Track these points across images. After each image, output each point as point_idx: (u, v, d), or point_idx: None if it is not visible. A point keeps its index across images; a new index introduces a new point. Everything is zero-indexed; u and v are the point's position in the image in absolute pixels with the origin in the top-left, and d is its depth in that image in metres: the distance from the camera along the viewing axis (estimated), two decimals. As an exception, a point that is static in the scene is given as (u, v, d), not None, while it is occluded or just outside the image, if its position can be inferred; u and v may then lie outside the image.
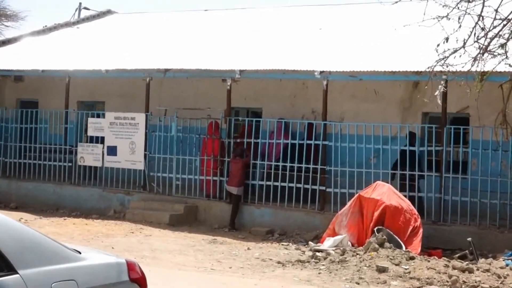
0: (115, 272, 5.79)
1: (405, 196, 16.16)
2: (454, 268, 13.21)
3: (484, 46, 11.85)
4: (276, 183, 18.49)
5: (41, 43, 26.58)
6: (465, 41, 11.67)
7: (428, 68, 12.51)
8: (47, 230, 15.90)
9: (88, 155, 21.28)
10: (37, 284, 5.04)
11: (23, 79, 25.32)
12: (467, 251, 14.88)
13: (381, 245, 14.28)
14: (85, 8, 33.21)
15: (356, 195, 16.00)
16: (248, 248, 15.90)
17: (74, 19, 30.82)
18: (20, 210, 20.27)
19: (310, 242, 16.33)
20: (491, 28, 11.73)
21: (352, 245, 15.10)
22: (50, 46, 25.97)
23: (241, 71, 18.88)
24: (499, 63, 12.15)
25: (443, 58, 11.92)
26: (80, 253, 5.68)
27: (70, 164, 21.68)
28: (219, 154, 19.44)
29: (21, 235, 5.23)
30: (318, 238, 16.51)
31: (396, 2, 11.66)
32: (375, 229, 14.96)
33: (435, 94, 13.41)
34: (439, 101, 13.76)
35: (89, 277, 5.50)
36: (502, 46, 11.89)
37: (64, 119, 22.27)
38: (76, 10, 33.47)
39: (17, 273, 4.96)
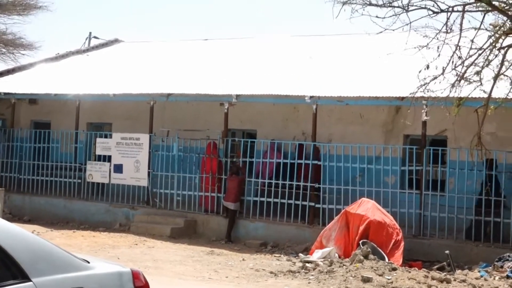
0: (121, 280, 5.74)
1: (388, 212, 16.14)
2: (433, 278, 13.17)
3: (461, 74, 11.90)
4: (269, 199, 18.45)
5: (53, 69, 26.59)
6: (444, 68, 11.74)
7: (410, 94, 12.55)
8: (57, 241, 15.81)
9: (96, 173, 21.24)
10: (49, 291, 5.00)
11: (37, 102, 25.30)
12: (445, 263, 14.86)
13: (366, 257, 14.24)
14: (95, 37, 33.30)
15: (342, 211, 15.98)
16: (243, 259, 15.83)
17: (84, 47, 30.89)
18: (33, 223, 20.19)
19: (300, 254, 16.28)
20: (467, 57, 11.79)
21: (339, 257, 15.06)
22: (62, 72, 25.98)
23: (237, 96, 18.90)
24: (474, 89, 12.20)
25: (424, 84, 11.97)
26: (88, 262, 5.64)
27: (79, 180, 21.63)
28: (216, 172, 19.41)
29: (34, 246, 5.19)
30: (307, 250, 16.46)
31: (381, 32, 11.69)
32: (360, 242, 14.93)
33: (423, 113, 13.42)
34: (425, 117, 13.78)
35: (97, 285, 5.45)
36: (477, 73, 11.95)
37: (74, 139, 22.25)
38: (86, 39, 33.57)
39: (31, 280, 4.92)
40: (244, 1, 68.84)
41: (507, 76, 12.22)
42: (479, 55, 11.74)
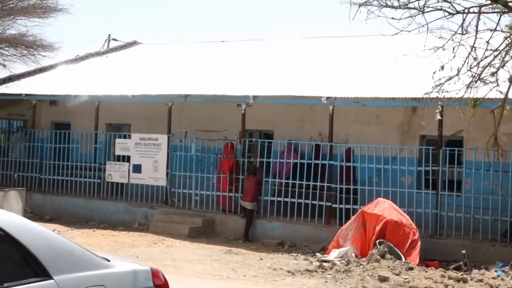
0: (140, 278, 5.77)
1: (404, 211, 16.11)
2: (449, 278, 13.14)
3: (476, 75, 11.86)
4: (286, 199, 18.45)
5: (73, 71, 26.74)
6: (459, 69, 11.69)
7: (425, 94, 12.51)
8: (78, 240, 15.89)
9: (116, 172, 21.33)
10: (70, 289, 5.03)
11: (57, 103, 25.42)
12: (461, 262, 14.80)
13: (383, 256, 14.23)
14: (114, 39, 33.46)
15: (359, 211, 15.97)
16: (261, 258, 15.85)
17: (104, 49, 31.05)
18: (54, 222, 20.30)
19: (317, 253, 16.28)
20: (483, 58, 11.74)
21: (356, 256, 15.06)
22: (82, 74, 26.12)
23: (254, 97, 18.92)
24: (490, 90, 12.13)
25: (439, 85, 11.93)
26: (109, 261, 5.67)
27: (99, 180, 21.73)
28: (234, 172, 19.45)
29: (55, 244, 5.23)
30: (324, 250, 16.45)
31: (396, 33, 11.67)
32: (377, 241, 14.92)
33: (437, 116, 13.40)
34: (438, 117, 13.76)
35: (117, 283, 5.48)
36: (493, 74, 11.89)
37: (94, 139, 22.36)
38: (105, 41, 33.79)
39: (52, 278, 4.95)
40: (260, 4, 68.89)
41: (523, 77, 12.15)
42: (495, 56, 11.68)
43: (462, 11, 11.56)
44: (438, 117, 14.13)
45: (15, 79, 25.87)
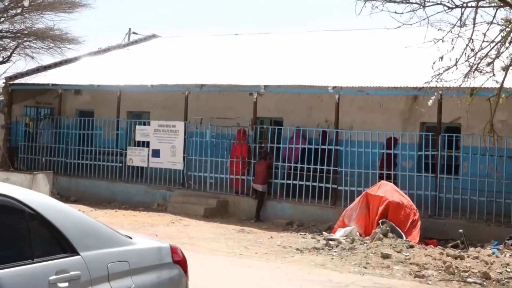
0: (160, 254, 5.80)
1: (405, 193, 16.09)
2: (448, 255, 13.14)
3: (474, 65, 11.81)
4: (295, 182, 18.47)
5: (96, 62, 26.76)
6: (457, 60, 11.65)
7: (425, 83, 12.46)
8: (101, 220, 15.80)
9: (136, 157, 21.37)
10: (95, 264, 5.05)
11: (81, 92, 25.49)
12: (459, 241, 14.79)
13: (385, 235, 14.24)
14: (134, 33, 33.50)
15: (363, 193, 15.96)
16: (271, 237, 15.88)
17: (124, 42, 31.08)
18: (79, 203, 20.37)
19: (324, 232, 16.29)
20: (479, 50, 11.69)
21: (360, 235, 15.06)
22: (104, 65, 26.13)
23: (265, 86, 18.91)
24: (487, 79, 12.10)
25: (438, 75, 11.89)
26: (131, 238, 5.70)
27: (120, 164, 21.79)
28: (246, 156, 19.47)
29: (82, 223, 5.25)
30: (330, 229, 16.45)
31: (399, 27, 11.62)
32: (379, 221, 14.92)
33: (429, 102, 13.39)
34: (430, 103, 13.77)
35: (139, 258, 5.51)
36: (489, 65, 11.85)
37: (115, 126, 22.41)
38: (126, 35, 33.85)
39: (79, 254, 4.98)
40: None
41: (517, 67, 12.10)
42: (491, 47, 11.63)
43: (460, 5, 11.50)
44: (429, 104, 14.08)
45: (43, 70, 25.91)
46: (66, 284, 4.78)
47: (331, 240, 14.78)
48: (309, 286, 10.68)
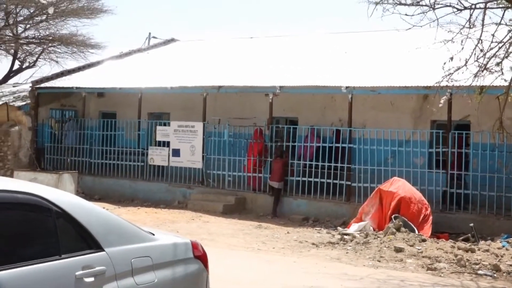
0: (182, 250, 5.81)
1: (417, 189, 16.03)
2: (459, 248, 13.09)
3: (483, 65, 11.76)
4: (310, 179, 18.44)
5: (118, 66, 26.85)
6: (467, 60, 11.62)
7: (436, 83, 12.42)
8: (124, 217, 15.81)
9: (157, 156, 21.43)
10: (120, 259, 5.07)
11: (104, 95, 25.58)
12: (469, 234, 14.72)
13: (398, 229, 14.20)
14: (154, 37, 33.59)
15: (376, 189, 15.91)
16: (288, 232, 15.87)
17: (145, 46, 31.14)
18: (102, 201, 20.43)
19: (338, 227, 16.26)
20: (488, 50, 11.65)
21: (374, 230, 15.02)
22: (126, 68, 26.22)
23: (281, 87, 18.90)
24: (495, 78, 12.04)
25: (448, 75, 11.86)
26: (153, 234, 5.71)
27: (142, 163, 21.86)
28: (263, 155, 19.46)
29: (106, 220, 5.27)
30: (345, 224, 16.43)
31: (409, 28, 11.58)
32: (392, 216, 14.87)
33: (440, 102, 13.36)
34: (440, 104, 13.74)
35: (161, 254, 5.52)
36: (498, 64, 11.79)
37: (137, 127, 22.47)
38: (146, 39, 33.93)
39: (104, 250, 5.00)
40: (285, 2, 68.64)
41: (525, 66, 12.04)
42: (500, 48, 11.58)
43: (469, 7, 11.46)
44: (441, 104, 14.03)
45: (67, 74, 26.04)
46: (92, 279, 4.81)
47: (346, 234, 14.75)
48: (325, 279, 10.67)
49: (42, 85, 24.70)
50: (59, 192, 5.24)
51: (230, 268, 11.04)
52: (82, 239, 4.96)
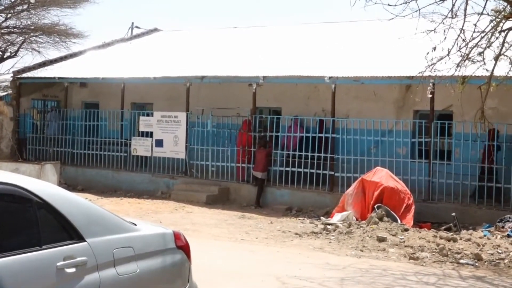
0: (164, 240, 5.80)
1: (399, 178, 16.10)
2: (441, 238, 13.16)
3: (465, 55, 11.81)
4: (293, 169, 18.46)
5: (101, 56, 26.71)
6: (450, 50, 11.64)
7: (419, 73, 12.46)
8: (107, 207, 15.76)
9: (140, 147, 21.36)
10: (101, 250, 5.05)
11: (87, 85, 25.42)
12: (451, 224, 14.81)
13: (381, 219, 14.25)
14: (136, 27, 33.38)
15: (359, 179, 15.96)
16: (271, 222, 15.89)
17: (127, 36, 30.97)
18: (85, 191, 20.36)
19: (321, 217, 16.30)
20: (471, 40, 11.69)
21: (357, 220, 15.07)
22: (108, 58, 26.08)
23: (264, 77, 18.88)
24: (477, 68, 12.10)
25: (431, 65, 11.89)
26: (135, 225, 5.70)
27: (125, 154, 21.78)
28: (252, 145, 19.33)
29: (88, 210, 5.25)
30: (328, 214, 16.48)
31: (392, 18, 11.59)
32: (375, 206, 14.93)
33: (428, 93, 13.41)
34: (429, 95, 13.79)
35: (143, 244, 5.51)
36: (480, 54, 11.86)
37: (120, 117, 22.37)
38: (129, 29, 33.73)
39: (85, 241, 4.98)
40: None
41: (507, 56, 12.11)
42: (482, 37, 11.64)
43: (452, -3, 11.47)
44: (429, 95, 14.10)
45: (49, 64, 25.87)
46: (74, 269, 4.79)
47: (329, 224, 14.78)
48: (308, 268, 10.70)
49: (24, 75, 24.53)
50: (40, 183, 5.22)
51: (213, 258, 11.03)
52: (63, 229, 4.94)
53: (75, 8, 27.52)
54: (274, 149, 19.17)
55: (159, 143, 20.83)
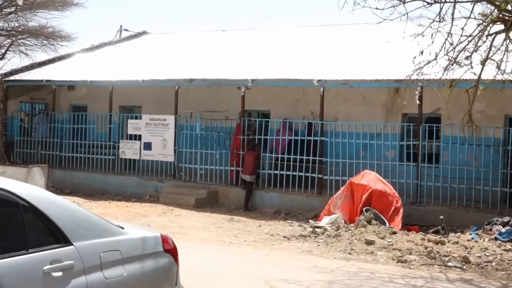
0: (151, 244, 5.80)
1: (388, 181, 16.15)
2: (429, 240, 13.21)
3: (452, 58, 11.88)
4: (282, 172, 18.48)
5: (89, 59, 26.64)
6: (437, 54, 11.72)
7: (406, 76, 12.53)
8: (95, 211, 15.76)
9: (128, 150, 21.32)
10: (89, 253, 5.04)
11: (75, 88, 25.35)
12: (439, 227, 14.88)
13: (369, 222, 14.29)
14: (125, 30, 33.18)
15: (348, 182, 16.00)
16: (260, 225, 15.90)
17: (116, 39, 30.85)
18: (73, 195, 20.31)
19: (310, 220, 16.32)
20: (458, 43, 11.76)
21: (345, 223, 15.10)
22: (97, 61, 26.02)
23: (253, 80, 18.90)
24: (465, 72, 12.17)
25: (419, 68, 11.96)
26: (123, 228, 5.69)
27: (113, 157, 21.73)
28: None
29: (75, 214, 5.24)
30: (316, 217, 16.49)
31: (380, 22, 11.64)
32: (363, 209, 14.97)
33: (416, 96, 13.47)
34: (417, 101, 13.84)
35: (130, 248, 5.50)
36: (468, 58, 11.92)
37: (108, 120, 22.34)
38: (117, 31, 33.43)
39: (72, 244, 4.97)
40: (258, -5, 68.57)
41: (494, 60, 12.17)
42: (469, 41, 11.71)
43: (439, 1, 11.53)
44: (416, 98, 14.17)
45: (37, 66, 25.78)
46: (60, 273, 4.78)
47: (317, 227, 14.81)
48: (296, 271, 10.72)
49: (12, 77, 24.44)
50: (27, 186, 5.20)
51: (202, 261, 11.03)
52: (50, 233, 4.92)
53: (63, 11, 27.46)
54: (263, 152, 19.19)
55: (148, 146, 20.80)
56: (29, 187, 5.20)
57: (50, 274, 4.71)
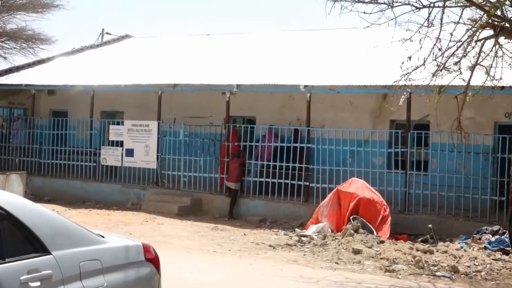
0: (133, 253, 5.79)
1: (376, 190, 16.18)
2: (417, 250, 13.25)
3: (441, 64, 11.94)
4: (267, 180, 18.47)
5: (70, 62, 26.55)
6: (425, 59, 11.78)
7: (394, 82, 12.58)
8: (75, 219, 15.79)
9: (110, 156, 21.25)
10: (68, 263, 5.03)
11: (55, 92, 25.22)
12: (428, 235, 14.91)
13: (356, 231, 14.31)
14: (107, 33, 33.20)
15: (334, 189, 16.01)
16: (244, 234, 15.89)
17: (98, 42, 30.82)
18: (53, 203, 20.21)
19: (296, 229, 16.33)
20: (447, 49, 11.82)
21: (332, 231, 15.11)
22: (78, 65, 25.93)
23: (238, 85, 18.90)
24: (454, 78, 12.24)
25: (407, 74, 12.01)
26: (103, 237, 5.68)
27: (94, 164, 21.64)
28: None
29: (54, 222, 5.23)
30: (303, 226, 16.51)
31: (367, 27, 11.70)
32: (351, 217, 14.98)
33: (400, 101, 13.52)
34: (401, 103, 13.89)
35: (111, 257, 5.49)
36: (456, 63, 12.00)
37: (89, 126, 22.25)
38: (99, 35, 33.51)
39: (51, 254, 4.95)
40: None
41: (483, 66, 12.26)
42: (458, 47, 11.78)
43: (428, 5, 11.61)
44: (401, 102, 14.20)
45: (16, 70, 25.67)
46: (38, 283, 4.76)
47: (303, 236, 14.82)
48: (281, 281, 10.71)
49: (-11, 82, 24.29)
50: (3, 193, 5.17)
51: (185, 271, 11.01)
52: (28, 242, 4.91)
53: (43, 13, 27.31)
54: (248, 159, 19.18)
55: (130, 152, 20.74)
56: (6, 195, 5.18)
57: (28, 284, 4.69)
